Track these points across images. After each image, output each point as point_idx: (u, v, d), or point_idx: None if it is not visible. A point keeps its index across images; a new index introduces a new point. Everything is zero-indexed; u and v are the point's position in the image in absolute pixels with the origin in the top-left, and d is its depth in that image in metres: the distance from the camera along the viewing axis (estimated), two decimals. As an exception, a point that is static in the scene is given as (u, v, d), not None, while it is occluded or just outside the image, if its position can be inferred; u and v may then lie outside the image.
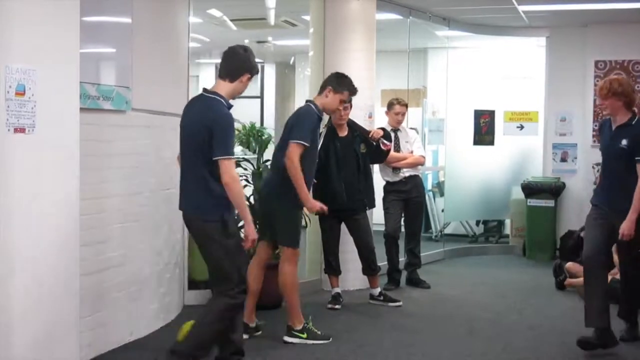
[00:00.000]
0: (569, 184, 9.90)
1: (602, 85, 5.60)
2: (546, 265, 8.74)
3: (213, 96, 4.61)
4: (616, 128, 5.60)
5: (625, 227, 5.40)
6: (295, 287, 5.88)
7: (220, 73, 4.73)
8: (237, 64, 4.68)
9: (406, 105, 7.83)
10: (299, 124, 5.78)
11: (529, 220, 9.88)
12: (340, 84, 6.00)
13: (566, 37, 9.99)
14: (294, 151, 5.62)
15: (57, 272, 4.15)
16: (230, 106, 4.64)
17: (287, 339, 5.78)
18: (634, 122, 5.54)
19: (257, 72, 4.82)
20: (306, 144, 5.65)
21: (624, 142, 5.49)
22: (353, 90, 6.11)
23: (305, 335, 5.77)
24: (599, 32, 9.66)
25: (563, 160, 10.14)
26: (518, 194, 10.14)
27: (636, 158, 5.43)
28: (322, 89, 6.01)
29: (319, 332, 5.84)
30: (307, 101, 6.10)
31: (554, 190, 9.78)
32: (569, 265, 7.67)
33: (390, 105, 7.79)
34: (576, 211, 9.50)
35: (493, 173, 10.67)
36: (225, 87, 4.66)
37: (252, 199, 6.81)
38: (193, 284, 6.74)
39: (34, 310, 4.00)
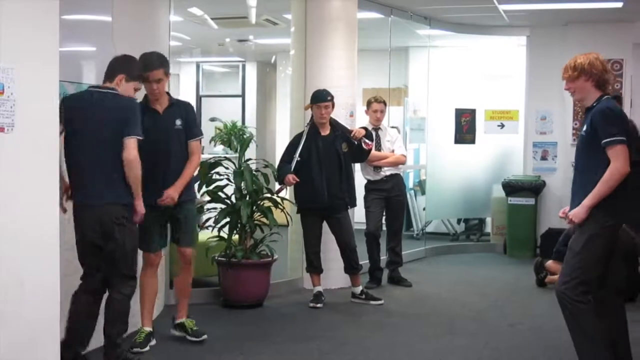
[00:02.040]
0: (549, 182, 9.96)
1: (567, 65, 4.59)
2: (527, 263, 8.78)
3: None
4: (585, 115, 4.65)
5: (574, 210, 4.45)
6: None
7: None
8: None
9: (384, 102, 7.83)
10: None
11: (510, 219, 9.91)
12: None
13: (546, 37, 10.04)
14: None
15: (38, 272, 4.12)
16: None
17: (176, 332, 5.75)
18: (595, 104, 4.51)
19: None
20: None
21: (584, 128, 4.51)
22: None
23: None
24: (578, 32, 9.70)
25: (543, 158, 10.19)
26: (499, 192, 10.18)
27: (603, 142, 4.35)
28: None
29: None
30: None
31: (534, 188, 9.82)
32: (550, 263, 7.71)
33: (368, 104, 7.82)
34: (556, 209, 9.46)
35: (474, 171, 10.71)
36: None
37: (233, 198, 6.82)
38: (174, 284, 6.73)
39: (14, 310, 3.97)
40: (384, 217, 7.87)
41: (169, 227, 5.57)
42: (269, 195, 6.93)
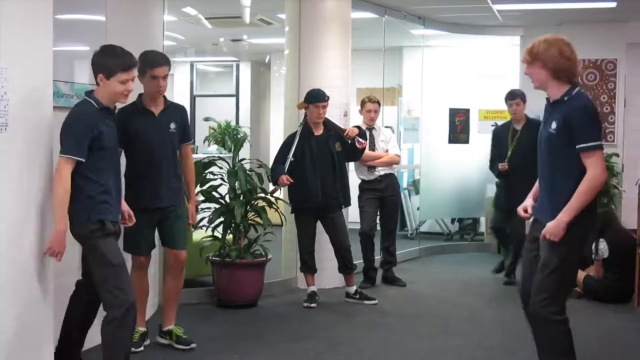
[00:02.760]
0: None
1: (528, 47, 4.21)
2: (521, 262, 8.78)
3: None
4: (549, 108, 4.18)
5: (549, 227, 4.01)
6: None
7: None
8: (92, 67, 4.37)
9: (378, 102, 7.84)
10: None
11: (504, 218, 9.91)
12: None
13: (540, 36, 10.03)
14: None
15: (32, 273, 4.12)
16: (103, 106, 4.32)
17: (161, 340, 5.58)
18: (566, 98, 4.04)
19: (124, 69, 4.32)
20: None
21: (553, 125, 4.04)
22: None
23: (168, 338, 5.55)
24: (572, 32, 9.63)
25: (538, 158, 10.19)
26: (493, 192, 10.12)
27: (580, 146, 3.94)
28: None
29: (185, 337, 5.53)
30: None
31: (528, 188, 9.81)
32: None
33: (362, 104, 7.82)
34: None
35: (468, 171, 10.70)
36: (97, 91, 4.38)
37: (227, 198, 6.82)
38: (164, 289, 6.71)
39: (8, 311, 3.96)
40: (378, 217, 7.88)
41: (159, 230, 5.44)
42: (262, 195, 6.93)
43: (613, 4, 8.69)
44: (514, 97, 7.80)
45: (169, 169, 5.32)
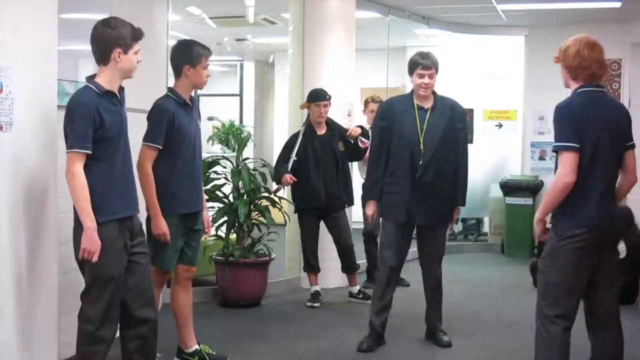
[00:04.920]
0: (547, 182, 9.94)
1: None
2: (524, 263, 8.78)
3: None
4: None
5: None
6: None
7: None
8: (101, 44, 3.93)
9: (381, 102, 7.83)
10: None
11: (508, 218, 9.92)
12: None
13: (544, 36, 10.02)
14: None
15: (35, 270, 4.12)
16: (105, 90, 3.89)
17: None
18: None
19: (136, 38, 4.01)
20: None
21: None
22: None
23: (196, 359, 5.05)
24: (577, 31, 9.44)
25: (541, 158, 10.21)
26: (497, 192, 10.18)
27: (552, 146, 4.03)
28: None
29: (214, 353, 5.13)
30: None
31: (532, 188, 9.83)
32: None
33: (365, 104, 7.83)
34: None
35: (472, 171, 10.55)
36: (102, 73, 3.97)
37: (231, 197, 6.82)
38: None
39: (12, 309, 3.97)
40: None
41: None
42: (266, 194, 6.93)
43: (618, 4, 8.68)
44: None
45: (200, 170, 4.98)
